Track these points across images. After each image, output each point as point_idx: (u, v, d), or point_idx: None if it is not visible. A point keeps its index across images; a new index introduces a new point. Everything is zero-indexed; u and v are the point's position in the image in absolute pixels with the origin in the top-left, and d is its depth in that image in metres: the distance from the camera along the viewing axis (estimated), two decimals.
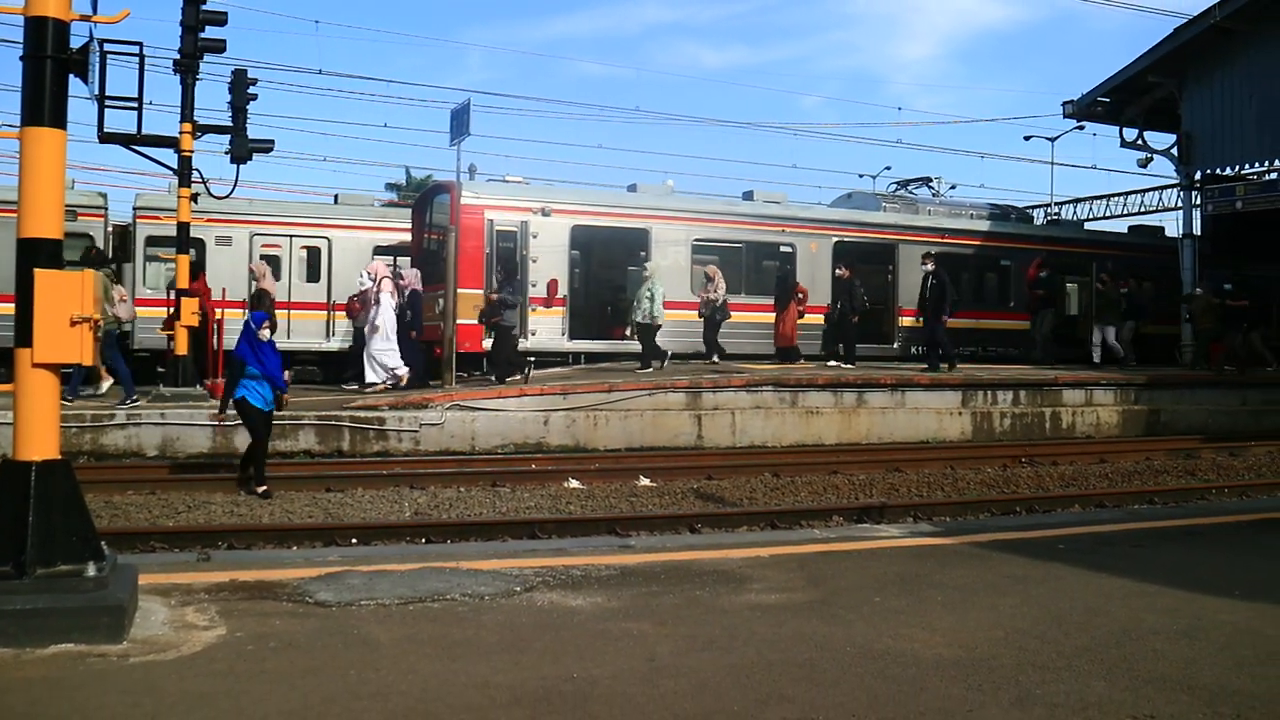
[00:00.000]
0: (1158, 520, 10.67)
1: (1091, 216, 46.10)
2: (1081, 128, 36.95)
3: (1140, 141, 30.88)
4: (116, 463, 15.32)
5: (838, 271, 24.12)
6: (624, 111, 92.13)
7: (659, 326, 21.44)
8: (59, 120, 5.62)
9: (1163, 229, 35.81)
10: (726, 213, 26.14)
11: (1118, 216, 45.37)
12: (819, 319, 24.75)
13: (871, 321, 25.92)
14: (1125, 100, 29.97)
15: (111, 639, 5.23)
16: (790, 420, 19.67)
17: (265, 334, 13.07)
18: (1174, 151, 29.84)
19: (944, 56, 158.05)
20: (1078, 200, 48.02)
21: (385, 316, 19.81)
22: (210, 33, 17.99)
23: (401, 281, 20.67)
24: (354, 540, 10.72)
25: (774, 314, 24.36)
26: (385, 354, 19.82)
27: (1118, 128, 31.06)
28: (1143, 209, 44.53)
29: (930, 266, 23.01)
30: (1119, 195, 46.16)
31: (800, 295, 24.17)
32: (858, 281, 23.62)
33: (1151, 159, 31.53)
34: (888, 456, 17.57)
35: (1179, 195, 32.02)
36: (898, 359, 25.91)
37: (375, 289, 19.99)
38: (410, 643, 5.49)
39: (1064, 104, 30.68)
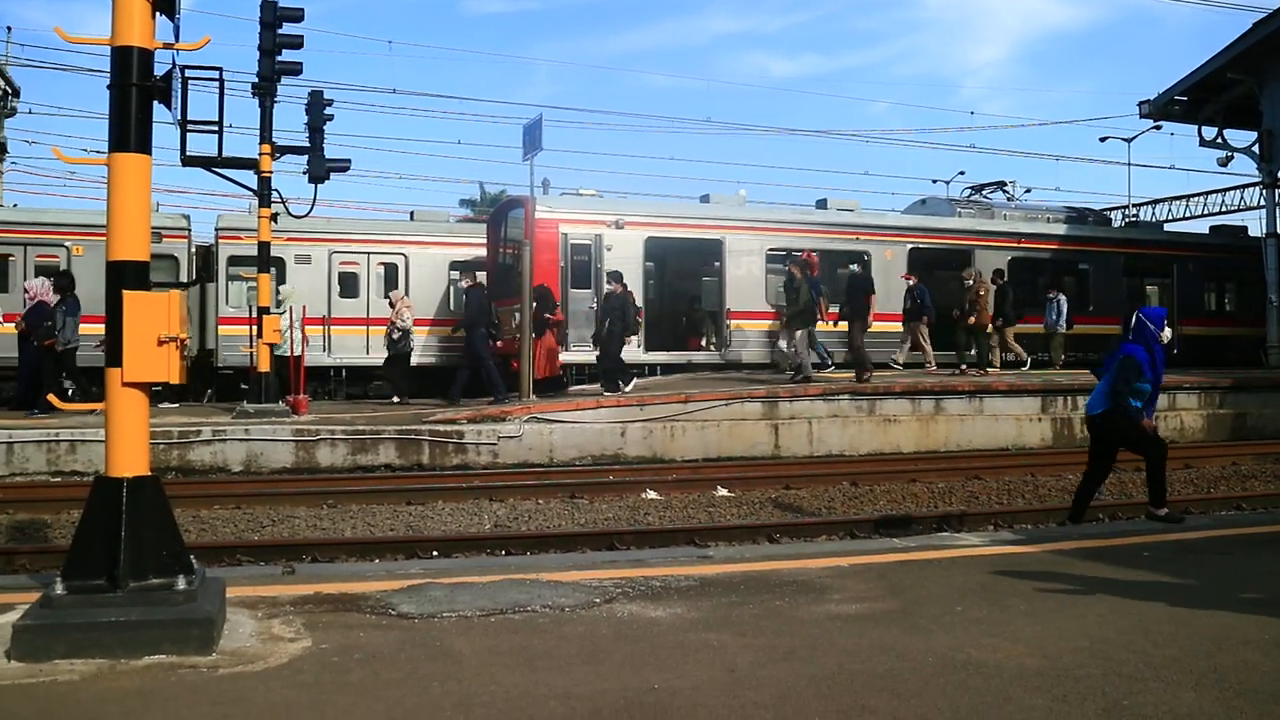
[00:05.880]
0: (1245, 527, 10.43)
1: (1171, 217, 45.36)
2: (1159, 127, 36.42)
3: (1220, 140, 30.35)
4: (203, 478, 15.61)
5: (608, 286, 20.98)
6: (695, 122, 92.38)
7: (299, 356, 20.85)
8: (144, 146, 5.73)
9: (1245, 229, 35.13)
10: (800, 221, 26.11)
11: (1198, 217, 44.63)
12: (895, 326, 24.36)
13: (943, 329, 25.62)
14: (1203, 98, 29.48)
15: (201, 651, 5.33)
16: (867, 428, 19.54)
17: (1167, 334, 10.25)
18: (1255, 149, 29.27)
19: (1014, 59, 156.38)
20: (1156, 201, 47.31)
21: None
22: (287, 56, 18.39)
23: (27, 294, 19.77)
24: (435, 553, 10.83)
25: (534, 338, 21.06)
26: None
27: (1196, 126, 30.57)
28: (1224, 209, 43.72)
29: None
30: (1199, 195, 45.38)
31: (550, 318, 21.39)
32: (631, 297, 20.90)
33: (1232, 157, 31.02)
34: (967, 464, 17.39)
35: (1261, 194, 31.39)
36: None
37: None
38: (492, 654, 5.53)
39: (1140, 104, 30.32)
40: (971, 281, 23.66)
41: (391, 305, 22.70)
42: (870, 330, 21.98)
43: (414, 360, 25.07)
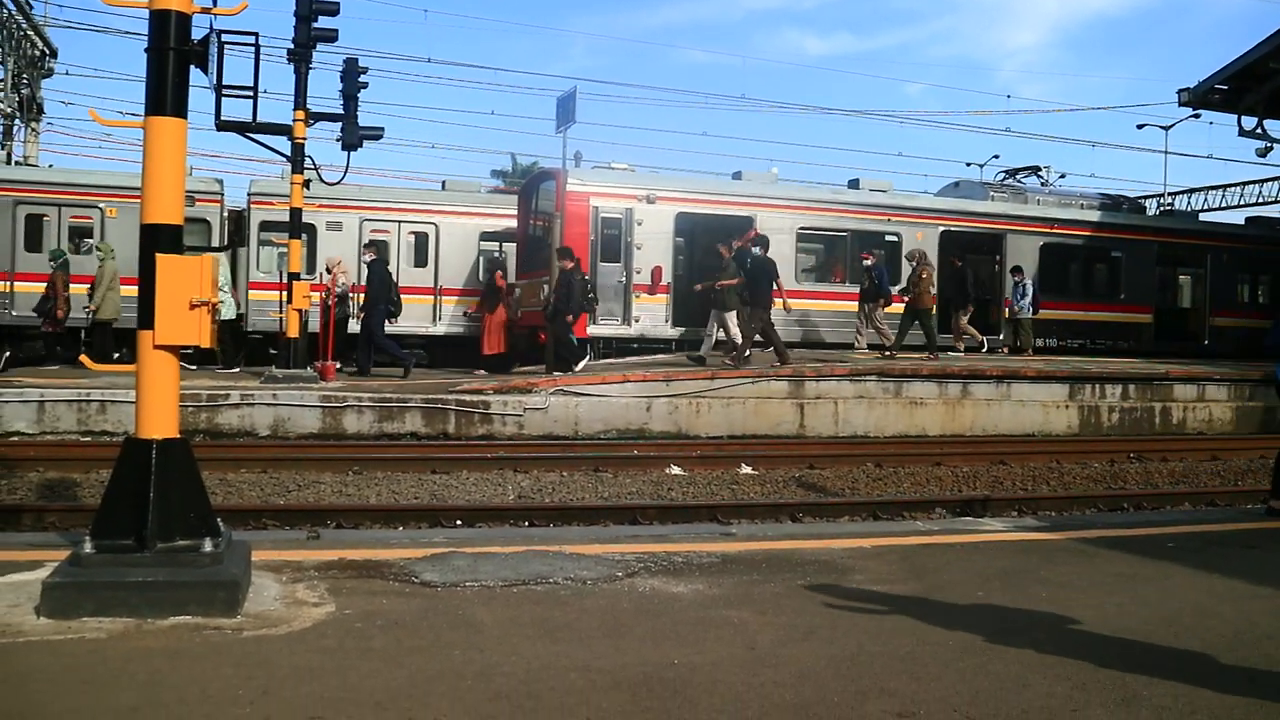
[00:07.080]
0: (1273, 520, 10.36)
1: (1207, 207, 44.92)
2: (1197, 116, 36.00)
3: (1260, 130, 29.98)
4: (231, 441, 15.72)
5: (560, 263, 20.30)
6: (729, 99, 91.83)
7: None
8: (180, 110, 5.74)
9: None
10: (832, 201, 25.98)
11: (1235, 207, 44.17)
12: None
13: (977, 314, 25.49)
14: (1244, 88, 29.08)
15: (227, 613, 5.38)
16: (894, 410, 19.51)
17: None
18: None
19: (1053, 44, 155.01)
20: (1192, 190, 46.84)
21: None
22: (323, 22, 18.43)
23: None
24: (459, 522, 10.87)
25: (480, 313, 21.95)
26: None
27: (1236, 116, 30.19)
28: (1261, 200, 43.27)
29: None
30: (1236, 185, 44.93)
31: (503, 290, 22.07)
32: (579, 275, 20.40)
33: (1271, 148, 30.61)
34: (992, 449, 17.32)
35: None
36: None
37: None
38: (513, 624, 5.56)
39: (1179, 92, 29.91)
40: (915, 263, 23.30)
41: (328, 271, 22.56)
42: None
43: (443, 330, 25.25)
